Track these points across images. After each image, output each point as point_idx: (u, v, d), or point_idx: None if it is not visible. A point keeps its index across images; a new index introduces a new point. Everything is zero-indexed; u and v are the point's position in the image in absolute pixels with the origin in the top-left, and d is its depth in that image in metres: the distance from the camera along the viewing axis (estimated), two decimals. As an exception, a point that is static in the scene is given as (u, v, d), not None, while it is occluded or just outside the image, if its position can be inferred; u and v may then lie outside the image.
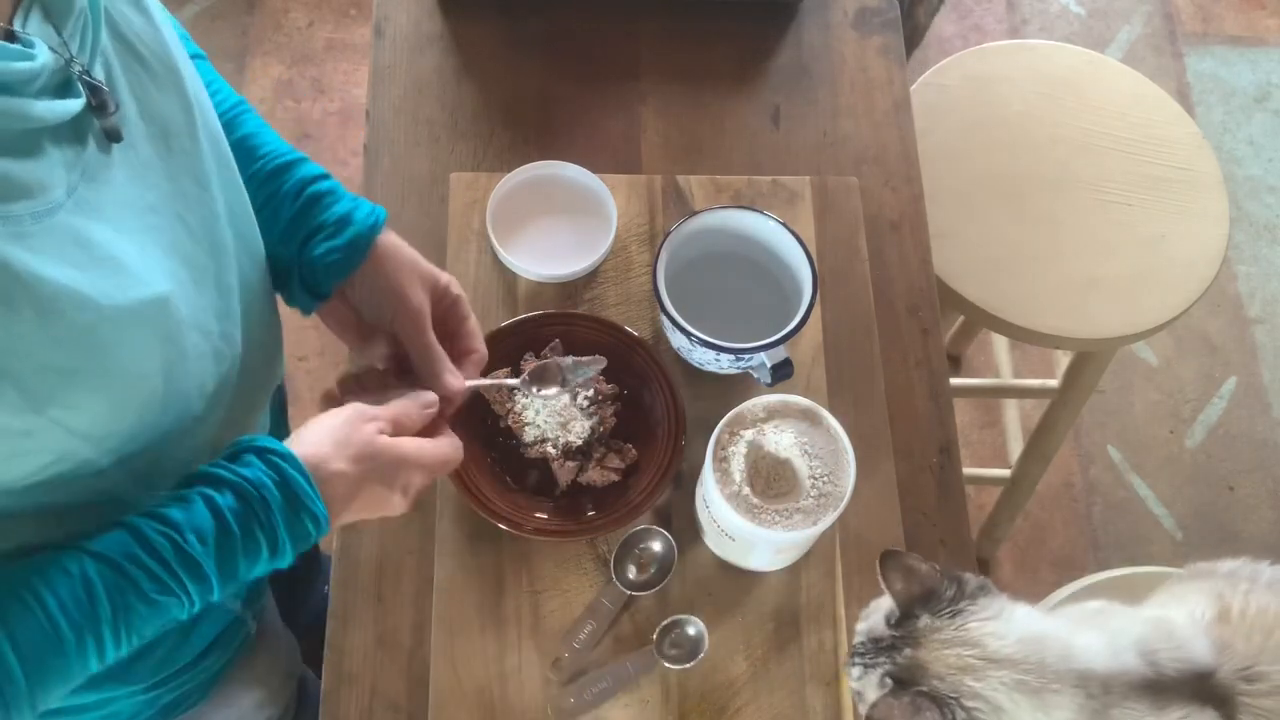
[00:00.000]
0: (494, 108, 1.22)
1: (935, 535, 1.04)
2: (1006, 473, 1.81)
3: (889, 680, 0.81)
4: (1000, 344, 1.92)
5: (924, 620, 0.82)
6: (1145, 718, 0.79)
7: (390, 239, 0.86)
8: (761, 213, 1.03)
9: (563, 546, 1.00)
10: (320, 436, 0.74)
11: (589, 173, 1.12)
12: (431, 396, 0.81)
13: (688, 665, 0.96)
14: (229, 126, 0.84)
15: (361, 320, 0.87)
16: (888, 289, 1.15)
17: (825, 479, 0.91)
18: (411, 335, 0.84)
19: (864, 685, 0.84)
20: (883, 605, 0.86)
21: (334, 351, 2.08)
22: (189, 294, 0.70)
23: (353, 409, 0.76)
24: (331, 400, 0.82)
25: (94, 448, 0.65)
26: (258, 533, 0.70)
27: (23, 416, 0.58)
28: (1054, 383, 1.64)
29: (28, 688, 0.62)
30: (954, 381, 1.29)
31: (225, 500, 0.69)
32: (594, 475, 1.00)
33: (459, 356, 0.87)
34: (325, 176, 0.87)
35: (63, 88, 0.60)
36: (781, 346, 0.98)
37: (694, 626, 0.97)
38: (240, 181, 0.80)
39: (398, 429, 0.78)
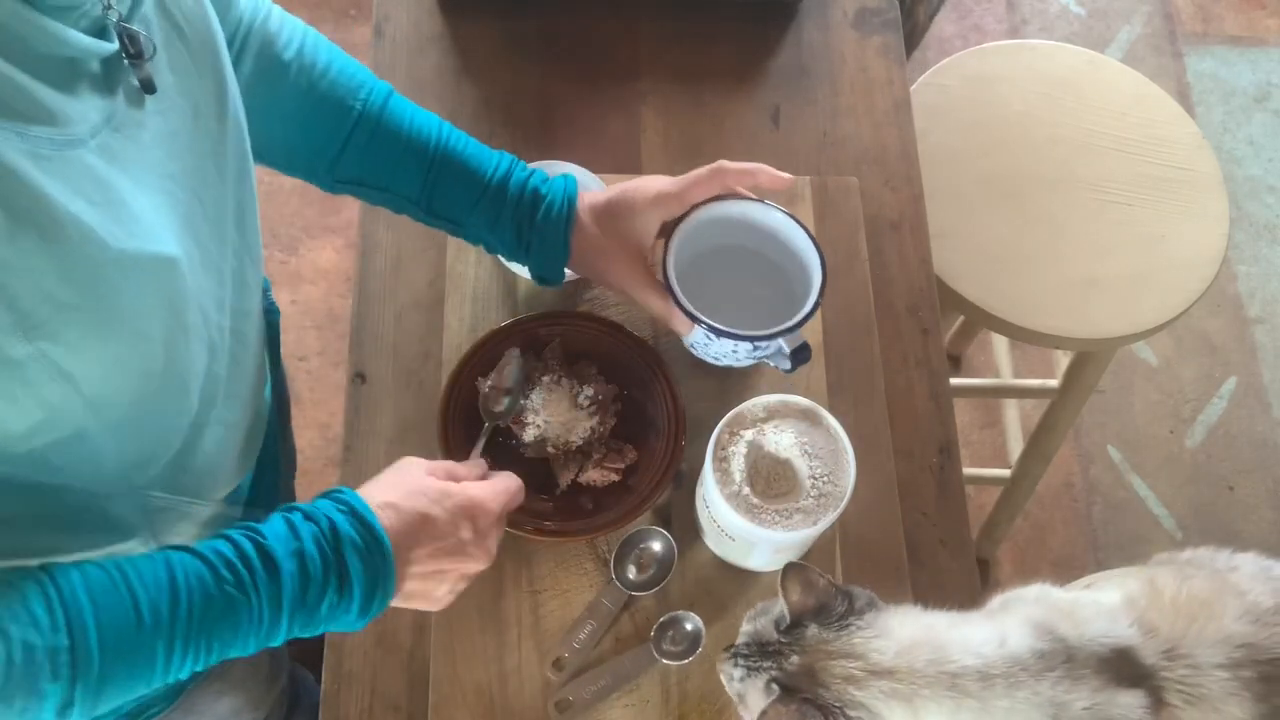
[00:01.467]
0: (494, 108, 1.22)
1: (935, 535, 1.04)
2: (1006, 473, 1.82)
3: (775, 686, 0.83)
4: (1000, 344, 1.92)
5: (812, 630, 0.84)
6: (1058, 698, 0.81)
7: (583, 234, 0.96)
8: (763, 202, 1.02)
9: (563, 546, 1.00)
10: (386, 482, 0.82)
11: (589, 172, 1.12)
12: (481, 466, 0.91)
13: (685, 661, 0.96)
14: (447, 142, 0.95)
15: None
16: (888, 289, 1.15)
17: (825, 479, 0.91)
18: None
19: (746, 688, 0.85)
20: (771, 610, 0.87)
21: (334, 352, 2.08)
22: (196, 270, 0.70)
23: (411, 461, 0.85)
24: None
25: (88, 410, 0.64)
26: (327, 551, 0.74)
27: (11, 340, 0.57)
28: (1054, 383, 1.64)
29: (100, 654, 0.65)
30: (954, 381, 1.29)
31: (295, 517, 0.76)
32: (594, 475, 1.00)
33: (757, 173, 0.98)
34: (522, 191, 0.95)
35: (99, 33, 0.62)
36: (799, 330, 0.97)
37: (691, 623, 0.97)
38: (253, 181, 0.81)
39: (449, 477, 0.85)
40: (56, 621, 0.64)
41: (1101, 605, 0.88)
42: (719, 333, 0.96)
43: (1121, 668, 0.83)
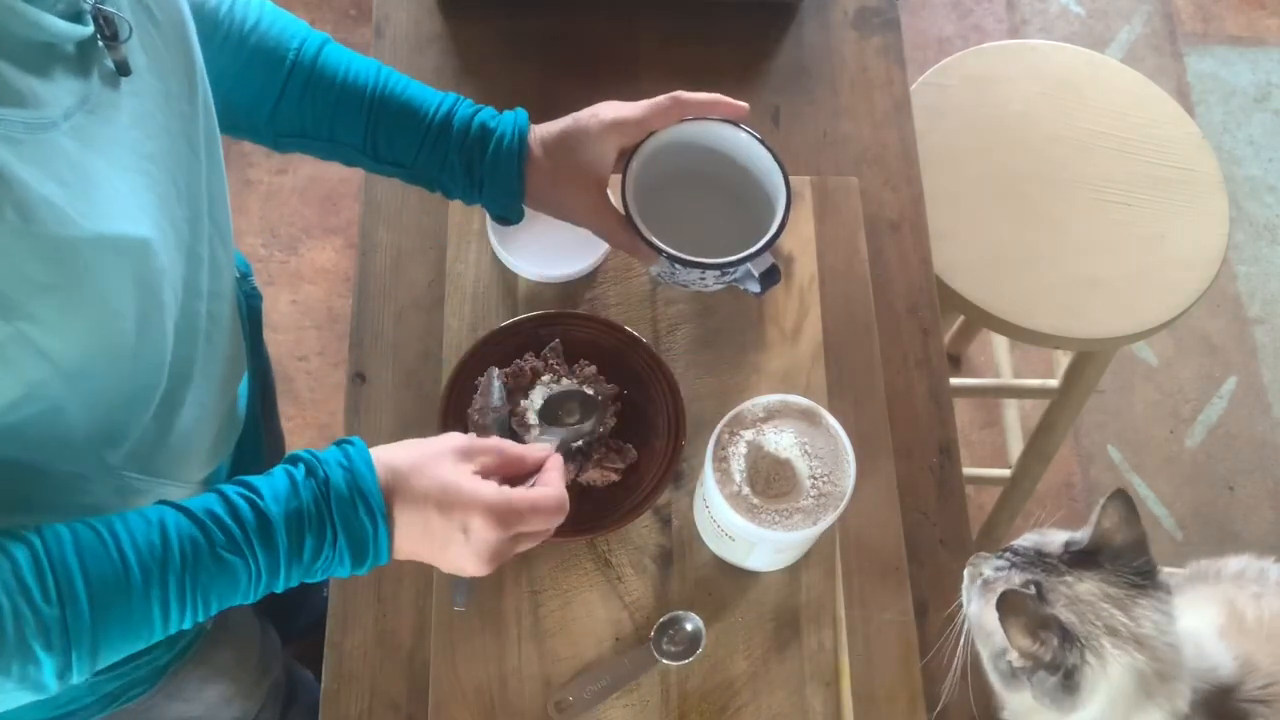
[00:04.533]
0: (494, 107, 1.22)
1: (935, 535, 1.04)
2: (1006, 473, 1.82)
3: (1033, 588, 0.83)
4: (1000, 344, 1.92)
5: (1105, 568, 0.83)
6: None
7: (536, 167, 0.92)
8: (725, 121, 0.97)
9: (562, 546, 1.00)
10: (411, 450, 0.77)
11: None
12: (542, 453, 0.83)
13: (685, 661, 0.96)
14: (385, 85, 0.92)
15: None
16: (888, 289, 1.15)
17: (825, 479, 0.91)
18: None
19: (997, 579, 0.86)
20: (1060, 535, 0.88)
21: (334, 352, 2.08)
22: (169, 250, 0.70)
23: (453, 438, 0.79)
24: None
25: (65, 385, 0.65)
26: (323, 511, 0.72)
27: None
28: (1054, 383, 1.64)
29: (91, 622, 0.65)
30: (954, 381, 1.29)
31: (299, 473, 0.73)
32: (594, 475, 1.00)
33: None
34: (468, 127, 0.92)
35: (75, 18, 0.62)
36: (768, 253, 0.94)
37: (691, 623, 0.97)
38: (222, 163, 0.81)
39: (501, 464, 0.79)
40: (48, 591, 0.64)
41: (1210, 636, 0.88)
42: (685, 263, 0.93)
43: (1220, 705, 0.83)
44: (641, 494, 0.98)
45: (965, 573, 0.90)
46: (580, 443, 0.99)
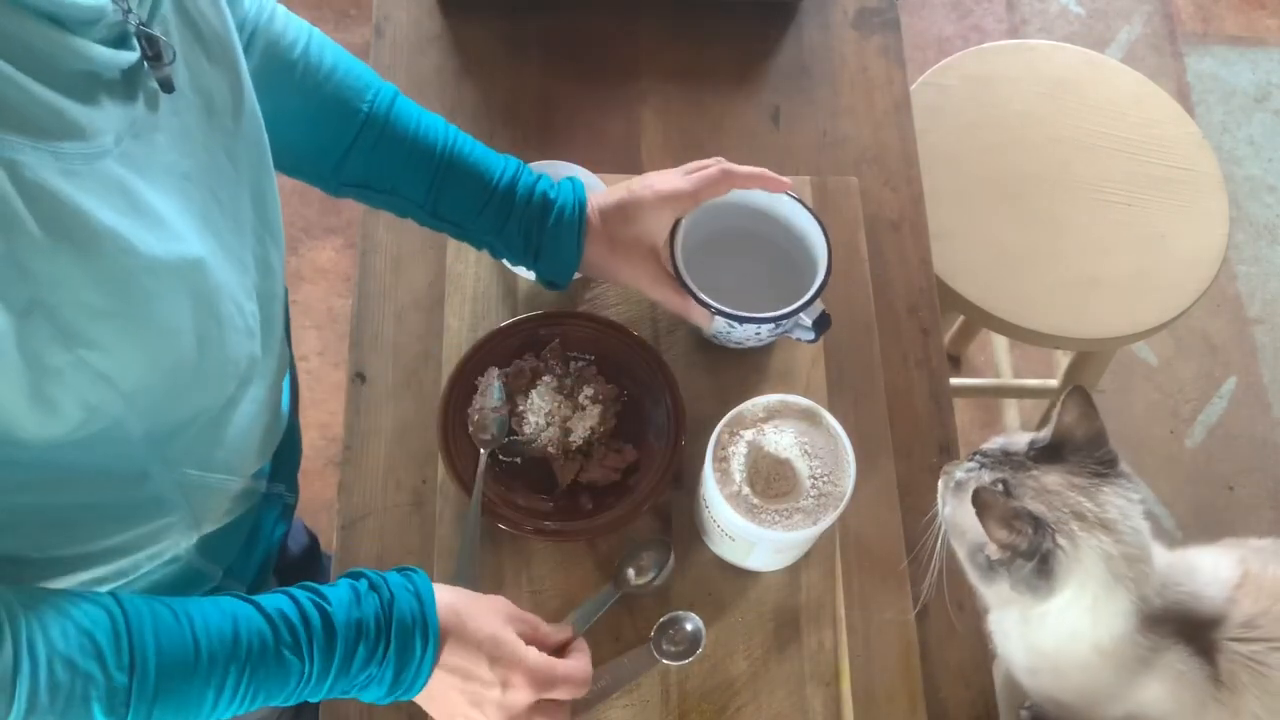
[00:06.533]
0: (494, 108, 1.22)
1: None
2: (1006, 473, 1.81)
3: (1001, 485, 0.87)
4: (1000, 344, 1.92)
5: (1069, 460, 0.87)
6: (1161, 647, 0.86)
7: (594, 237, 0.96)
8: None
9: (563, 546, 1.00)
10: (465, 597, 0.82)
11: (589, 172, 1.12)
12: (565, 635, 0.89)
13: (685, 661, 0.96)
14: (454, 145, 0.95)
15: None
16: (888, 289, 1.15)
17: (825, 479, 0.91)
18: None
19: (969, 479, 0.89)
20: (1025, 436, 0.91)
21: (334, 352, 2.08)
22: (221, 264, 0.71)
23: (503, 601, 0.85)
24: None
25: (125, 405, 0.65)
26: (383, 628, 0.76)
27: (51, 350, 0.59)
28: (1054, 383, 1.64)
29: (154, 695, 0.67)
30: (954, 381, 1.29)
31: (361, 586, 0.78)
32: (594, 475, 1.00)
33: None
34: (530, 196, 0.95)
35: (119, 41, 0.62)
36: (818, 300, 0.99)
37: (691, 623, 0.97)
38: (271, 168, 0.81)
39: (533, 637, 0.85)
40: (122, 660, 0.66)
41: (1212, 574, 0.92)
42: (742, 319, 0.97)
43: (1197, 633, 0.87)
44: (641, 494, 0.98)
45: (940, 481, 0.95)
46: (580, 442, 0.99)
